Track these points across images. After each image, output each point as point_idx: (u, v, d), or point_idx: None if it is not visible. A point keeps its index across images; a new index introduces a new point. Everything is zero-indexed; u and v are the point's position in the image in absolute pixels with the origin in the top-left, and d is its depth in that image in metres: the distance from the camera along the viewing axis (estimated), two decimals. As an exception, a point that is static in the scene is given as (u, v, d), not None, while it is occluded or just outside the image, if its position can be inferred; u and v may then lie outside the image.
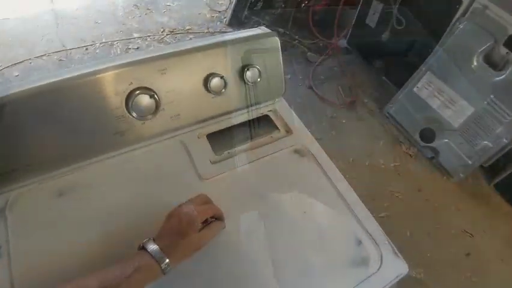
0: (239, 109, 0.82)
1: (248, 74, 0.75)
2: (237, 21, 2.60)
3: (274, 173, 0.75)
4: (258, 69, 0.76)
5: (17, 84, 0.61)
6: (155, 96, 0.67)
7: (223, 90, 0.74)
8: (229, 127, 0.82)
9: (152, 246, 0.53)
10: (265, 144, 0.80)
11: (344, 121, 2.14)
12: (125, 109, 0.66)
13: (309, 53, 2.48)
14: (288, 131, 0.83)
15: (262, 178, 0.74)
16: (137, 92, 0.66)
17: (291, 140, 0.81)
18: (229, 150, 0.78)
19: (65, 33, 2.31)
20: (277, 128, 0.84)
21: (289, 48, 2.55)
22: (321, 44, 2.55)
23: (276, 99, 0.87)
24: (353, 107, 2.23)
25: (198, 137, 0.78)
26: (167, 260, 0.52)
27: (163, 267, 0.52)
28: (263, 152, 0.78)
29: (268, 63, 0.79)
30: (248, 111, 0.84)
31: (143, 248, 0.53)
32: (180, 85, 0.71)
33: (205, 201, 0.64)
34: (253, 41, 0.76)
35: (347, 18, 2.38)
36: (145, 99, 0.67)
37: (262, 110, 0.86)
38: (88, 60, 2.26)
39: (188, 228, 0.55)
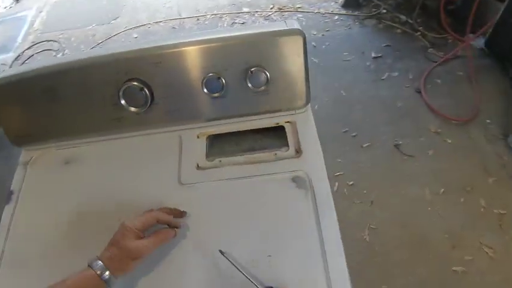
0: (247, 114, 0.72)
1: (251, 77, 0.64)
2: (354, 2, 2.33)
3: (257, 199, 0.65)
4: (265, 73, 0.64)
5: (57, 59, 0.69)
6: (145, 89, 0.64)
7: (222, 92, 0.66)
8: (237, 132, 0.74)
9: (95, 262, 0.54)
10: (265, 161, 0.69)
11: (449, 141, 1.73)
12: (118, 98, 0.66)
13: (430, 49, 2.06)
14: (298, 152, 0.70)
15: (241, 201, 0.64)
16: (130, 83, 0.64)
17: (295, 164, 0.68)
18: (221, 159, 0.71)
19: (184, 2, 2.49)
20: (287, 145, 0.71)
21: (408, 39, 2.16)
22: (449, 40, 2.08)
23: (298, 110, 0.73)
24: (467, 125, 1.77)
25: (198, 137, 0.73)
26: (107, 272, 0.53)
27: (104, 279, 0.53)
28: (258, 169, 0.68)
29: (288, 66, 0.66)
30: (260, 119, 0.73)
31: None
32: (176, 80, 0.66)
33: (166, 211, 0.62)
34: (269, 38, 0.64)
35: (489, 12, 1.85)
36: (136, 91, 0.64)
37: (279, 119, 0.74)
38: (198, 30, 2.40)
39: (121, 238, 0.55)
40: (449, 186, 1.58)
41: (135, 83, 0.63)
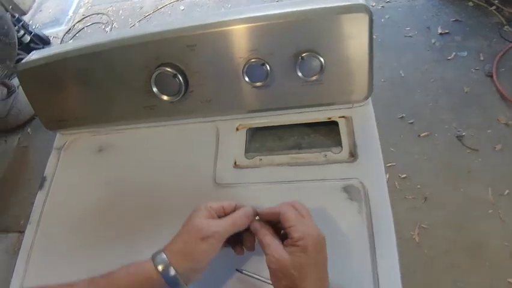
0: (294, 107, 0.62)
1: (301, 64, 0.53)
2: (419, -30, 2.05)
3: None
4: (319, 59, 0.53)
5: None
6: (179, 76, 0.56)
7: (266, 81, 0.56)
8: (281, 126, 0.65)
9: (158, 254, 0.43)
10: (312, 163, 0.59)
11: (522, 135, 1.50)
12: (150, 85, 0.58)
13: (506, 27, 1.76)
14: (353, 155, 0.59)
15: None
16: (162, 68, 0.56)
17: (349, 170, 0.57)
18: (262, 157, 0.62)
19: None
20: (339, 145, 0.61)
21: (481, 14, 1.86)
22: (531, 17, 1.76)
23: (356, 104, 0.61)
24: (546, 119, 1.52)
25: (237, 129, 0.65)
26: (171, 269, 0.41)
27: (167, 278, 0.41)
28: (303, 173, 0.58)
29: (348, 51, 0.54)
30: (309, 111, 0.63)
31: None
32: (213, 66, 0.57)
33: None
34: (326, 16, 0.52)
35: None
36: (168, 78, 0.57)
37: (332, 113, 0.63)
38: (248, 3, 2.26)
39: (190, 218, 0.46)
40: (516, 188, 1.38)
41: (168, 69, 0.55)
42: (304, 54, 0.52)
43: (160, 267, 0.41)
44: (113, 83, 0.62)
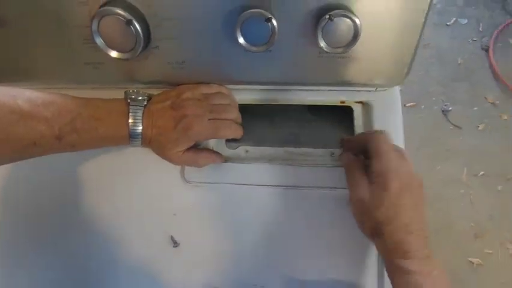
0: (299, 83, 0.45)
1: (327, 26, 0.35)
2: None
3: (296, 223, 0.42)
4: (355, 23, 0.35)
5: None
6: (135, 23, 0.36)
7: (269, 44, 0.37)
8: (277, 108, 0.48)
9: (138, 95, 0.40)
10: (316, 163, 0.45)
11: (505, 117, 1.44)
12: (92, 32, 0.37)
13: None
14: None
15: (271, 224, 0.42)
16: (109, 9, 0.35)
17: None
18: (248, 148, 0.46)
19: None
20: (352, 141, 0.46)
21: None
22: (543, -15, 1.63)
23: (381, 88, 0.46)
24: (532, 103, 1.47)
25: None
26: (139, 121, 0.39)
27: (130, 129, 0.39)
28: (303, 176, 0.43)
29: (396, 14, 0.37)
30: (316, 90, 0.46)
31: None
32: (188, 13, 0.37)
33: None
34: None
35: None
36: (119, 24, 0.36)
37: (347, 96, 0.47)
38: None
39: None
40: (490, 169, 1.37)
41: (119, 11, 0.35)
42: (333, 12, 0.34)
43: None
44: (38, 23, 0.40)
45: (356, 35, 0.36)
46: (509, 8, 1.61)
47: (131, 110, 0.39)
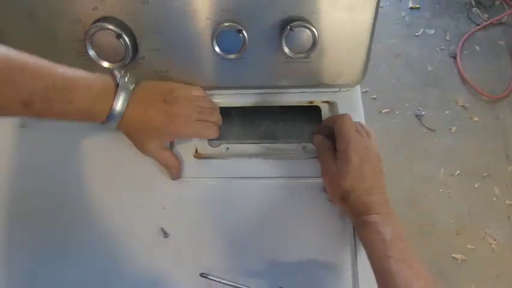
0: (271, 86, 0.51)
1: (289, 36, 0.42)
2: None
3: (273, 211, 0.47)
4: (312, 31, 0.41)
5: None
6: (125, 37, 0.41)
7: (241, 53, 0.43)
8: (253, 109, 0.54)
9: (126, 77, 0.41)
10: (289, 156, 0.50)
11: (476, 119, 1.54)
12: (85, 46, 0.43)
13: (474, 8, 1.75)
14: (336, 148, 0.50)
15: (250, 212, 0.47)
16: (102, 24, 0.41)
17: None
18: (229, 145, 0.51)
19: None
20: (321, 136, 0.52)
21: (450, -7, 1.83)
22: (497, 2, 1.76)
23: (343, 88, 0.52)
24: (498, 104, 1.56)
25: (199, 109, 0.52)
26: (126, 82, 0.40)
27: (113, 108, 0.39)
28: (278, 168, 0.49)
29: (348, 22, 0.43)
30: (288, 93, 0.52)
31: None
32: (174, 28, 0.43)
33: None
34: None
35: None
36: (110, 38, 0.41)
37: (315, 97, 0.53)
38: None
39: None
40: (466, 168, 1.44)
41: (109, 26, 0.40)
42: (293, 24, 0.41)
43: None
44: (37, 37, 0.45)
45: (314, 43, 0.42)
46: (473, 16, 1.74)
47: (118, 90, 0.38)
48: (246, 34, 0.42)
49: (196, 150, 0.50)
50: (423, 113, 1.55)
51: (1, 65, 0.32)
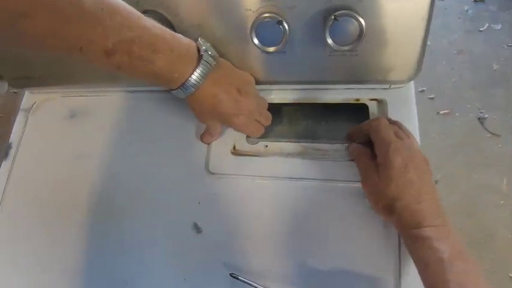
0: (314, 82, 0.48)
1: (334, 26, 0.39)
2: None
3: (312, 215, 0.44)
4: (359, 21, 0.38)
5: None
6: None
7: (281, 45, 0.41)
8: (295, 106, 0.51)
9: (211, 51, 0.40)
10: (332, 158, 0.47)
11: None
12: None
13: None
14: (384, 150, 0.46)
15: (288, 215, 0.45)
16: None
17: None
18: (268, 143, 0.49)
19: None
20: (367, 137, 0.48)
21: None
22: None
23: (395, 85, 0.48)
24: None
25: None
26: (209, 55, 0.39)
27: (191, 78, 0.38)
28: (319, 170, 0.46)
29: (399, 12, 0.39)
30: (333, 89, 0.49)
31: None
32: (208, 18, 0.42)
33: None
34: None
35: None
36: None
37: (362, 94, 0.49)
38: None
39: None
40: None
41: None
42: (338, 13, 0.38)
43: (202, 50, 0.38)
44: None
45: (361, 34, 0.39)
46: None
47: (202, 63, 0.37)
48: (286, 25, 0.40)
49: (234, 147, 0.49)
50: (486, 115, 1.41)
51: (95, 4, 0.29)
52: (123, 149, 0.52)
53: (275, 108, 0.50)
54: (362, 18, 0.38)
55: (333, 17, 0.38)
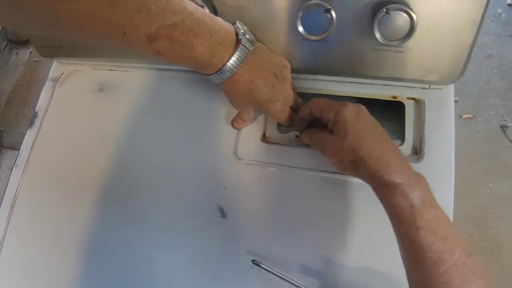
0: (354, 74, 0.47)
1: (383, 19, 0.37)
2: None
3: (341, 211, 0.44)
4: (412, 17, 0.37)
5: None
6: (205, 8, 0.40)
7: (327, 33, 0.40)
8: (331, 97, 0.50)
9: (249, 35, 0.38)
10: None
11: None
12: None
13: None
14: (418, 153, 0.45)
15: (317, 208, 0.44)
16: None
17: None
18: (298, 134, 0.48)
19: None
20: (401, 136, 0.47)
21: None
22: None
23: (435, 85, 0.46)
24: None
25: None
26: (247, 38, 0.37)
27: (228, 63, 0.37)
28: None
29: (453, 9, 0.38)
30: (370, 83, 0.48)
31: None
32: (252, 3, 0.41)
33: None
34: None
35: None
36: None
37: (399, 91, 0.48)
38: None
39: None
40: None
41: (196, 0, 0.40)
42: (390, 6, 0.36)
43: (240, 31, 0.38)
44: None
45: (411, 29, 0.37)
46: None
47: (240, 48, 0.37)
48: (334, 14, 0.39)
49: (264, 134, 0.49)
50: (509, 124, 1.37)
51: None
52: (150, 128, 0.52)
53: (309, 98, 0.49)
54: (415, 13, 0.36)
55: (384, 10, 0.36)
